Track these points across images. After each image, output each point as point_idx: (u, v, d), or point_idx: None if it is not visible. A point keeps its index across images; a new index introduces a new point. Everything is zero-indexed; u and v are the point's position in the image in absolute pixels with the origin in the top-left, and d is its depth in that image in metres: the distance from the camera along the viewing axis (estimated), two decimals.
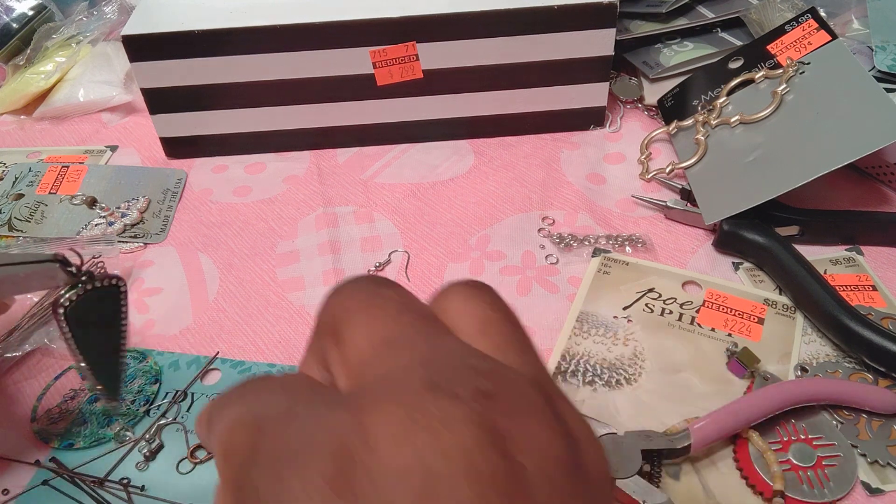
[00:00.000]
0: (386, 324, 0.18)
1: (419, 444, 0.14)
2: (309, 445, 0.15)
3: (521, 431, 0.15)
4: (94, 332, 0.30)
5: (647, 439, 0.35)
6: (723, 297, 0.44)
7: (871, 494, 0.35)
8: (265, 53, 0.52)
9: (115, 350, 0.32)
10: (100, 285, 0.29)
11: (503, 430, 0.15)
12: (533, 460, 0.15)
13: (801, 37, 0.52)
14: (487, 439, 0.14)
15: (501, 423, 0.15)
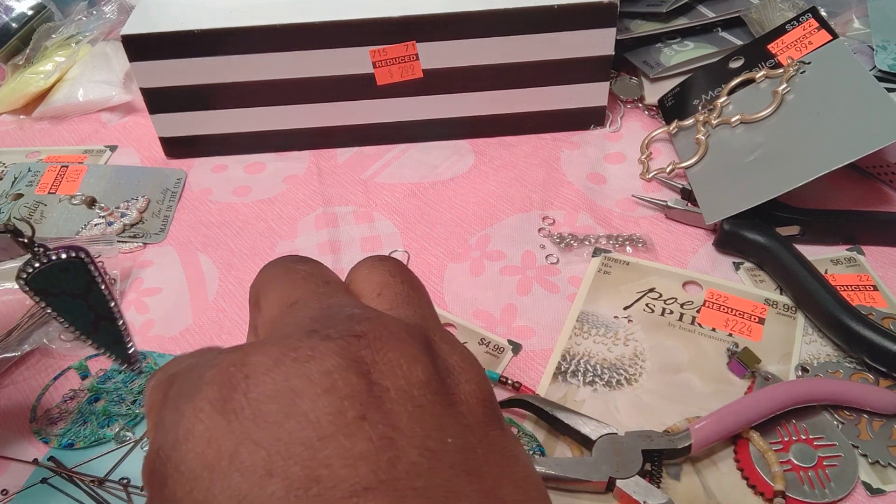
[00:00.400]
0: (293, 290, 0.21)
1: (288, 371, 0.17)
2: (200, 381, 0.17)
3: (385, 361, 0.18)
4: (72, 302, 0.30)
5: (648, 440, 0.35)
6: (723, 296, 0.44)
7: (872, 495, 0.35)
8: (265, 53, 0.52)
9: (108, 317, 0.31)
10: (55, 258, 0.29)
11: (367, 360, 0.18)
12: (394, 382, 0.17)
13: (801, 36, 0.52)
14: (349, 365, 0.17)
15: (366, 354, 0.18)
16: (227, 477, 0.16)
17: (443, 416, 0.18)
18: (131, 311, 0.46)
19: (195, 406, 0.17)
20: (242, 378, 0.17)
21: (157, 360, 0.43)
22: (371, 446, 0.16)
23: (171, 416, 0.17)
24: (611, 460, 0.34)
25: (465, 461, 0.17)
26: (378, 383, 0.17)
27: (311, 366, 0.17)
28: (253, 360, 0.17)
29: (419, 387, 0.18)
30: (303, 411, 0.16)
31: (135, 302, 0.47)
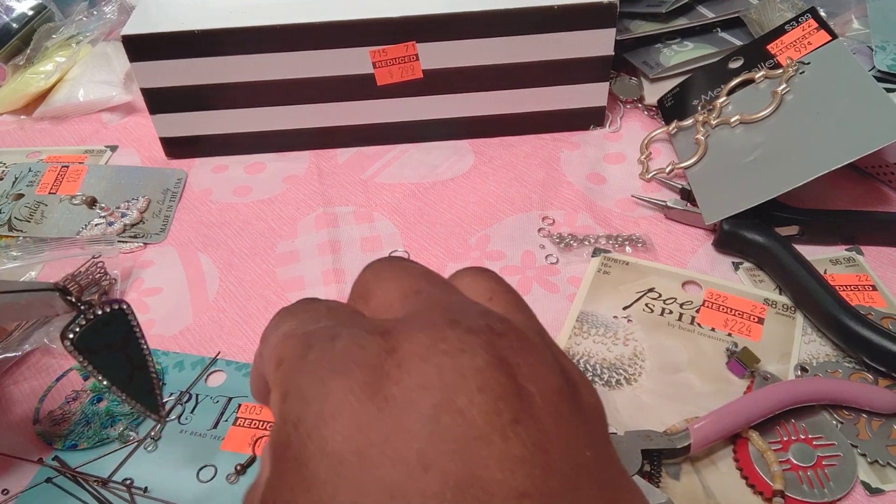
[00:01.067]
0: (412, 280, 0.21)
1: (440, 363, 0.17)
2: (348, 358, 0.17)
3: (526, 364, 0.17)
4: (111, 355, 0.30)
5: (647, 439, 0.35)
6: (723, 296, 0.44)
7: (871, 494, 0.35)
8: (265, 53, 0.52)
9: (142, 367, 0.32)
10: (101, 313, 0.29)
11: (511, 361, 0.17)
12: (538, 387, 0.17)
13: (801, 37, 0.52)
14: (498, 364, 0.17)
15: (510, 355, 0.17)
16: (377, 466, 0.15)
17: (579, 429, 0.17)
18: None
19: (344, 386, 0.17)
20: (395, 366, 0.17)
21: (160, 358, 0.43)
22: (526, 451, 0.16)
23: (316, 388, 0.17)
24: None
25: (600, 476, 0.17)
26: (525, 387, 0.17)
27: (463, 360, 0.17)
28: (404, 347, 0.17)
29: (558, 395, 0.17)
30: (458, 407, 0.16)
31: (135, 302, 0.47)
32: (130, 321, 0.31)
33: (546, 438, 0.16)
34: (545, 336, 0.20)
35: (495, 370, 0.17)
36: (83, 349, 0.29)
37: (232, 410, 0.40)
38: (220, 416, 0.40)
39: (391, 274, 0.21)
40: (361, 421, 0.16)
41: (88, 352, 0.30)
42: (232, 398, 0.41)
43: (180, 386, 0.41)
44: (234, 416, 0.40)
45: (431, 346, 0.17)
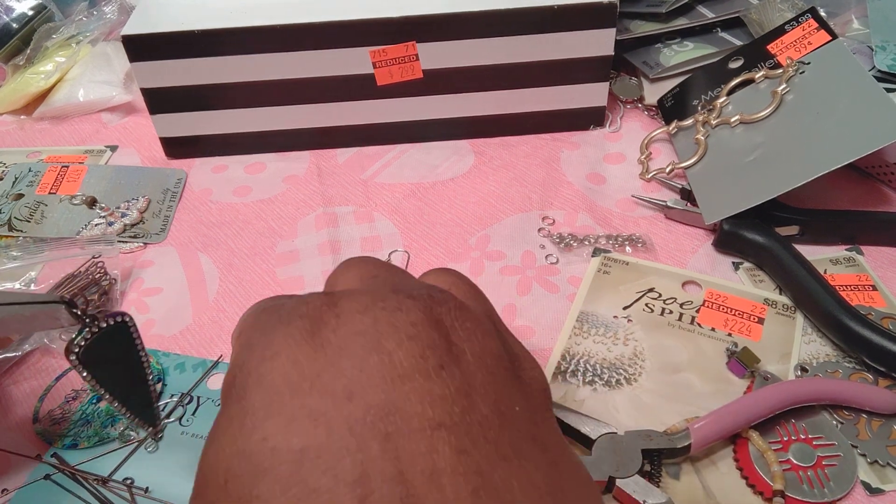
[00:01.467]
0: (372, 268, 0.24)
1: (377, 315, 0.18)
2: (293, 312, 0.19)
3: (462, 328, 0.19)
4: (112, 368, 0.31)
5: (648, 439, 0.35)
6: (723, 296, 0.44)
7: (871, 494, 0.35)
8: (265, 53, 0.52)
9: (142, 380, 0.32)
10: (105, 325, 0.30)
11: (446, 324, 0.19)
12: (470, 347, 0.19)
13: (801, 37, 0.52)
14: (431, 322, 0.18)
15: (446, 319, 0.19)
16: (307, 395, 0.17)
17: (512, 388, 0.19)
18: (132, 311, 0.46)
19: (285, 332, 0.18)
20: (333, 316, 0.18)
21: (161, 358, 0.43)
22: (448, 391, 0.17)
23: (260, 338, 0.19)
24: (610, 460, 0.34)
25: (530, 431, 0.18)
26: (456, 344, 0.18)
27: (399, 315, 0.18)
28: (344, 303, 0.19)
29: (493, 357, 0.19)
30: (387, 350, 0.17)
31: (135, 302, 0.47)
32: (133, 334, 0.31)
33: (470, 387, 0.17)
34: (493, 317, 0.22)
35: (427, 325, 0.18)
36: (87, 362, 0.30)
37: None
38: None
39: (355, 265, 0.24)
40: (297, 360, 0.18)
41: (92, 365, 0.30)
42: None
43: (181, 388, 0.41)
44: None
45: (370, 304, 0.19)
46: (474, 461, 0.16)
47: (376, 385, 0.17)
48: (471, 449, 0.16)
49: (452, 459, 0.16)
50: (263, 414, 0.17)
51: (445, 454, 0.16)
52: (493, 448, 0.17)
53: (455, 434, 0.16)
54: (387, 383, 0.17)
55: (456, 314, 0.19)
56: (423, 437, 0.16)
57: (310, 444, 0.16)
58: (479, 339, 0.19)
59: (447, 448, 0.16)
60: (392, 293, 0.19)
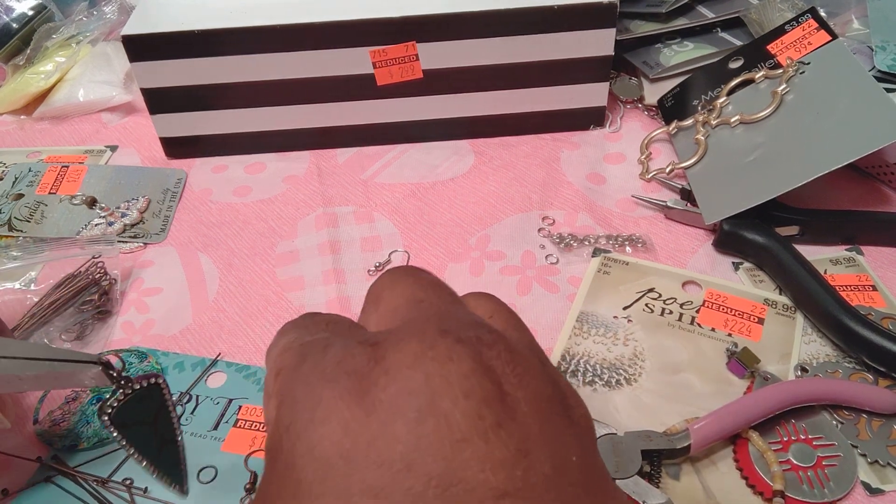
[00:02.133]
0: (418, 289, 0.22)
1: (427, 370, 0.17)
2: (339, 367, 0.18)
3: (514, 373, 0.18)
4: (142, 428, 0.31)
5: (647, 440, 0.35)
6: (723, 297, 0.44)
7: (871, 494, 0.35)
8: (265, 53, 0.52)
9: (171, 440, 0.32)
10: (139, 387, 0.30)
11: (498, 369, 0.18)
12: (524, 394, 0.18)
13: (801, 37, 0.52)
14: (484, 371, 0.17)
15: (497, 364, 0.18)
16: (363, 469, 0.16)
17: (566, 434, 0.18)
18: (132, 311, 0.46)
19: (333, 392, 0.17)
20: (382, 373, 0.17)
21: (160, 358, 0.43)
22: (508, 454, 0.16)
23: (307, 395, 0.18)
24: (610, 460, 0.34)
25: (585, 480, 0.17)
26: (510, 394, 0.17)
27: (450, 367, 0.17)
28: (391, 355, 0.18)
29: (546, 402, 0.18)
30: (442, 412, 0.16)
31: (135, 302, 0.47)
32: (164, 395, 0.31)
33: (529, 442, 0.17)
34: (538, 351, 0.21)
35: (481, 377, 0.17)
36: (119, 424, 0.30)
37: (233, 412, 0.40)
38: (220, 417, 0.40)
39: (402, 281, 0.23)
40: (349, 426, 0.17)
41: (124, 426, 0.30)
42: (232, 400, 0.41)
43: (180, 387, 0.41)
44: (234, 417, 0.40)
45: (420, 355, 0.17)
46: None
47: (435, 452, 0.16)
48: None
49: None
50: (318, 490, 0.16)
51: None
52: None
53: (518, 499, 0.16)
54: (446, 450, 0.16)
55: (507, 357, 0.18)
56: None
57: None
58: (532, 383, 0.18)
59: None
60: (440, 336, 0.18)
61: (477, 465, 0.16)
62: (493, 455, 0.16)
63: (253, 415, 0.40)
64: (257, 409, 0.40)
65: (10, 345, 0.30)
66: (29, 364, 0.29)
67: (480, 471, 0.16)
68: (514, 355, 0.19)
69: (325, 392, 0.17)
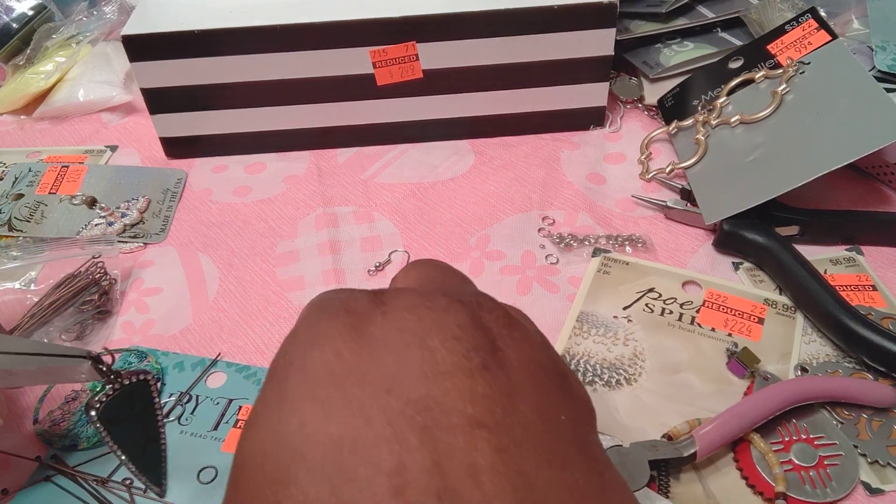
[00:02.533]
0: (431, 271, 0.24)
1: (422, 314, 0.18)
2: (341, 306, 0.19)
3: (511, 336, 0.19)
4: (128, 426, 0.31)
5: (654, 449, 0.35)
6: (723, 296, 0.44)
7: (871, 494, 0.35)
8: (265, 53, 0.52)
9: (154, 439, 0.32)
10: (128, 383, 0.30)
11: (495, 330, 0.19)
12: (517, 355, 0.18)
13: (801, 37, 0.52)
14: (478, 325, 0.18)
15: (494, 326, 0.19)
16: (347, 386, 0.17)
17: (558, 398, 0.18)
18: (132, 311, 0.46)
19: (331, 324, 0.19)
20: (380, 313, 0.19)
21: (160, 358, 0.43)
22: (490, 391, 0.17)
23: (306, 328, 0.19)
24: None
25: (576, 439, 0.18)
26: (502, 350, 0.18)
27: (445, 316, 0.18)
28: (392, 301, 0.19)
29: (539, 366, 0.19)
30: (430, 347, 0.17)
31: (135, 302, 0.47)
32: (152, 393, 0.31)
33: (514, 390, 0.17)
34: (542, 335, 0.22)
35: (473, 328, 0.18)
36: (106, 419, 0.30)
37: (233, 412, 0.40)
38: (220, 417, 0.40)
39: (417, 266, 0.25)
40: (340, 351, 0.18)
41: (110, 422, 0.30)
42: (232, 400, 0.41)
43: (180, 387, 0.41)
44: (234, 418, 0.40)
45: (418, 303, 0.19)
46: (515, 461, 0.16)
47: (417, 380, 0.17)
48: (512, 449, 0.16)
49: (492, 457, 0.16)
50: (302, 401, 0.17)
51: (485, 451, 0.16)
52: (535, 450, 0.16)
53: (496, 433, 0.16)
54: (428, 379, 0.17)
55: (504, 321, 0.19)
56: (463, 433, 0.16)
57: (347, 433, 0.16)
58: (527, 348, 0.19)
59: (487, 446, 0.16)
60: (441, 295, 0.19)
61: (457, 394, 0.16)
62: (474, 389, 0.17)
63: None
64: None
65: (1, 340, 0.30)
66: (19, 359, 0.29)
67: (459, 399, 0.16)
68: (513, 321, 0.19)
69: (322, 324, 0.19)
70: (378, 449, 0.16)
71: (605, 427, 0.38)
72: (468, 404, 0.16)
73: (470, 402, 0.16)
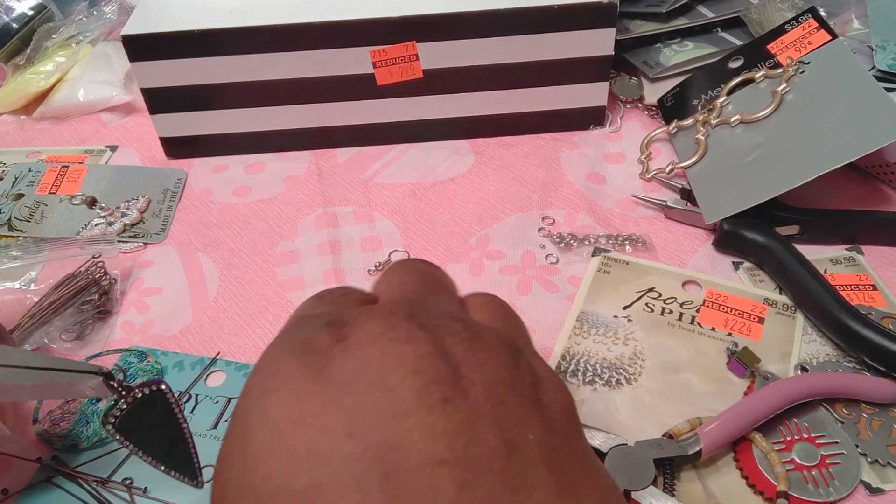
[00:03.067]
0: (406, 274, 0.24)
1: (383, 349, 0.18)
2: (303, 345, 0.19)
3: (475, 359, 0.19)
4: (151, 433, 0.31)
5: (659, 448, 0.35)
6: (723, 296, 0.44)
7: (872, 494, 0.35)
8: (265, 53, 0.52)
9: (180, 439, 0.32)
10: (140, 396, 0.30)
11: (457, 356, 0.19)
12: (481, 377, 0.18)
13: (801, 36, 0.52)
14: (439, 354, 0.18)
15: (457, 351, 0.19)
16: (307, 432, 0.17)
17: (527, 416, 0.18)
18: (132, 311, 0.46)
19: (292, 365, 0.19)
20: (341, 350, 0.19)
21: (159, 358, 0.43)
22: (451, 426, 0.17)
23: (269, 366, 0.19)
24: (624, 473, 0.34)
25: (545, 457, 0.17)
26: (465, 376, 0.18)
27: (406, 348, 0.18)
28: (354, 335, 0.19)
29: (505, 385, 0.18)
30: (390, 386, 0.17)
31: (135, 302, 0.47)
32: (169, 400, 0.31)
33: (476, 419, 0.17)
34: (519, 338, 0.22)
35: (435, 359, 0.18)
36: (124, 431, 0.30)
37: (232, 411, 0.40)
38: (219, 416, 0.40)
39: (396, 269, 0.25)
40: (301, 395, 0.18)
41: (129, 433, 0.30)
42: (232, 399, 0.41)
43: (180, 386, 0.41)
44: None
45: (380, 335, 0.19)
46: (478, 495, 0.16)
47: (377, 422, 0.17)
48: (475, 483, 0.16)
49: (454, 495, 0.16)
50: (266, 450, 0.17)
51: (446, 491, 0.16)
52: (499, 480, 0.16)
53: (458, 468, 0.16)
54: (388, 420, 0.17)
55: (468, 344, 0.19)
56: (424, 473, 0.16)
57: (311, 482, 0.16)
58: (491, 368, 0.19)
59: (449, 484, 0.16)
60: (404, 320, 0.19)
61: (417, 434, 0.16)
62: (434, 426, 0.17)
63: None
64: None
65: (10, 353, 0.30)
66: (28, 373, 0.29)
67: (420, 439, 0.16)
68: (478, 342, 0.19)
69: (284, 364, 0.19)
70: (341, 498, 0.16)
71: (605, 427, 0.38)
72: (429, 443, 0.16)
73: (430, 440, 0.16)
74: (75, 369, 0.29)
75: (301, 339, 0.20)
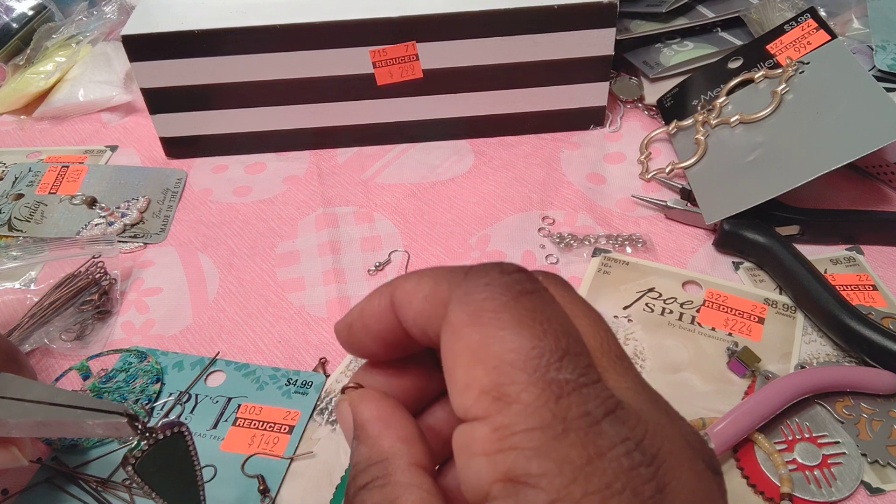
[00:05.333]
0: (540, 341, 0.18)
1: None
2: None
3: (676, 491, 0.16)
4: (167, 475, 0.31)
5: None
6: (723, 296, 0.44)
7: (872, 494, 0.35)
8: (265, 53, 0.52)
9: (192, 483, 0.32)
10: (162, 437, 0.30)
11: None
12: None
13: (800, 36, 0.52)
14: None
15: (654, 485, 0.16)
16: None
17: (716, 494, 0.17)
18: (132, 311, 0.46)
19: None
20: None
21: (159, 358, 0.43)
22: None
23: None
24: None
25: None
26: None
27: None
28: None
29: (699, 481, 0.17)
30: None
31: (135, 302, 0.47)
32: (188, 443, 0.31)
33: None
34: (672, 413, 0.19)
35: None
36: (143, 472, 0.30)
37: (232, 410, 0.40)
38: (219, 416, 0.40)
39: (506, 317, 0.19)
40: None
41: (147, 474, 0.30)
42: (231, 398, 0.40)
43: (180, 386, 0.41)
44: (233, 416, 0.40)
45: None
46: None
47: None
48: None
49: None
50: None
51: None
52: None
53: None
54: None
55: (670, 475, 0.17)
56: None
57: None
58: (685, 483, 0.17)
59: None
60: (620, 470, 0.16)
61: None
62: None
63: (252, 413, 0.40)
64: (256, 407, 0.40)
65: (33, 387, 0.30)
66: (53, 410, 0.29)
67: None
68: (676, 466, 0.17)
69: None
70: None
71: None
72: None
73: None
74: (100, 409, 0.29)
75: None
